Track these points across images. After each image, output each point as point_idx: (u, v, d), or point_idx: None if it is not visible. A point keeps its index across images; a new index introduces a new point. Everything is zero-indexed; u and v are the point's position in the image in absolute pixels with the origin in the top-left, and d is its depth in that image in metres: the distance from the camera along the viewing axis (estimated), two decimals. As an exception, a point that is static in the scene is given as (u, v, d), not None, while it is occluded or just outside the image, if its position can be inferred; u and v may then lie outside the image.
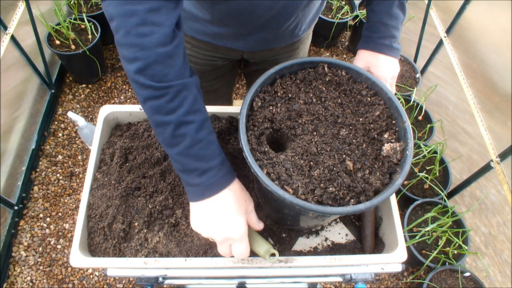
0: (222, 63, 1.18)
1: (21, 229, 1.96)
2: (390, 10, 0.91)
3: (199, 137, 0.63)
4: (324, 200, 0.69)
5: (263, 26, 0.94)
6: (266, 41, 1.04)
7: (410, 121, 1.33)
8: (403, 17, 0.94)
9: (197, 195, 0.65)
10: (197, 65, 1.16)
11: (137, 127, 1.01)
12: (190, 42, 1.08)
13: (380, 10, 0.92)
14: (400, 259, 0.82)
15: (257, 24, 0.93)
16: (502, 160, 1.59)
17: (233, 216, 0.65)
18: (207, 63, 1.15)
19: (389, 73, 0.92)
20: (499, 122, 1.64)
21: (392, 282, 1.93)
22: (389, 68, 0.92)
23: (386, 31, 0.92)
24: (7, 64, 1.89)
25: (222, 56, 1.13)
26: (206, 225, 0.66)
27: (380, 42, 0.92)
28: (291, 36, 1.06)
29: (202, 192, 0.65)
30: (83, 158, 2.22)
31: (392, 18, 0.91)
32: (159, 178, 0.92)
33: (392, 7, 0.91)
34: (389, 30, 0.92)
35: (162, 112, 0.61)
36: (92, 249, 0.85)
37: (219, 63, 1.17)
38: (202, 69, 1.17)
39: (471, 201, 1.84)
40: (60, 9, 2.17)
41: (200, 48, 1.09)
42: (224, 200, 0.65)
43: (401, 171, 0.71)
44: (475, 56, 1.83)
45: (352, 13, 2.56)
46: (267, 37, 1.01)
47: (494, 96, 1.68)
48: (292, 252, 0.91)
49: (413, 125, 2.12)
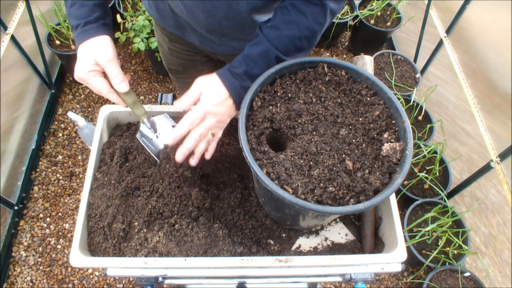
0: (201, 59, 1.23)
1: (21, 229, 1.96)
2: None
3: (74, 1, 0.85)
4: (324, 199, 0.69)
5: (210, 28, 0.95)
6: (228, 46, 1.04)
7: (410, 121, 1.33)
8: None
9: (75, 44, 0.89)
10: (179, 58, 1.23)
11: (137, 127, 1.01)
12: (168, 36, 1.15)
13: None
14: (400, 259, 0.82)
15: (202, 25, 0.94)
16: (502, 160, 1.59)
17: (77, 63, 0.83)
18: (186, 58, 1.22)
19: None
20: (499, 122, 1.64)
21: (392, 282, 1.93)
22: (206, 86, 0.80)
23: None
24: (7, 64, 1.89)
25: (196, 52, 1.19)
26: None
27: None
28: None
29: (75, 43, 0.87)
30: (83, 158, 2.22)
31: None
32: (159, 178, 0.92)
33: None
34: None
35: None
36: (92, 249, 0.85)
37: (197, 59, 1.22)
38: (183, 63, 1.25)
39: (471, 201, 1.84)
40: (60, 9, 2.18)
41: (176, 41, 1.16)
42: (79, 51, 0.84)
43: (400, 171, 0.71)
44: (475, 56, 1.83)
45: (352, 13, 2.56)
46: (224, 41, 1.01)
47: (494, 96, 1.68)
48: (292, 252, 0.91)
49: (413, 125, 2.12)
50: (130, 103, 0.88)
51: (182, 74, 1.31)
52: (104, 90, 0.84)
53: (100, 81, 0.83)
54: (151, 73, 2.63)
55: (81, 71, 0.82)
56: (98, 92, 0.85)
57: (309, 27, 0.79)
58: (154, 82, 2.59)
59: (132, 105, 0.88)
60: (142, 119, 0.90)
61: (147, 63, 2.66)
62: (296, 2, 0.79)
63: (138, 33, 2.26)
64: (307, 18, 0.79)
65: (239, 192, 0.94)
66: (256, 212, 0.93)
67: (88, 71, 0.82)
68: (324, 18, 0.80)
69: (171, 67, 1.30)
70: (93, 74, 0.82)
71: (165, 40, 1.18)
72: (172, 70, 1.32)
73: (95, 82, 0.83)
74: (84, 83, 0.85)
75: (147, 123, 0.91)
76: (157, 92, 2.55)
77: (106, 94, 0.84)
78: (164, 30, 1.13)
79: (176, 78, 1.37)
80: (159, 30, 1.17)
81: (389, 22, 2.55)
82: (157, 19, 1.09)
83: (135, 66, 2.65)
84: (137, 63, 2.67)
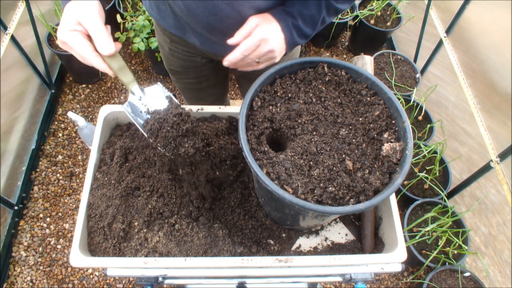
0: (201, 61, 1.23)
1: (21, 229, 1.96)
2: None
3: None
4: (324, 199, 0.69)
5: (211, 28, 0.95)
6: (228, 46, 1.03)
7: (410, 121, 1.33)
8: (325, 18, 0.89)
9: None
10: (179, 59, 1.23)
11: (137, 127, 1.01)
12: (169, 37, 1.15)
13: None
14: (400, 259, 0.82)
15: (203, 24, 0.94)
16: (502, 160, 1.59)
17: (60, 24, 0.77)
18: (187, 59, 1.22)
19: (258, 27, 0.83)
20: (499, 122, 1.64)
21: (392, 282, 1.93)
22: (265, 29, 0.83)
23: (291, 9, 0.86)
24: (7, 64, 1.89)
25: (197, 53, 1.19)
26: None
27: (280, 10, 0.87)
28: None
29: (62, 6, 0.80)
30: (83, 158, 2.22)
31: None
32: (159, 178, 0.92)
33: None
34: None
35: None
36: (92, 249, 0.85)
37: (198, 60, 1.22)
38: (184, 64, 1.24)
39: (471, 201, 1.84)
40: (60, 9, 2.17)
41: (177, 42, 1.15)
42: (64, 12, 0.77)
43: (400, 170, 0.71)
44: (475, 56, 1.83)
45: (352, 13, 2.56)
46: (223, 42, 1.00)
47: (494, 96, 1.68)
48: (292, 252, 0.91)
49: (413, 125, 2.12)
50: (116, 68, 0.79)
51: (182, 75, 1.32)
52: (87, 53, 0.75)
53: (83, 42, 0.75)
54: (151, 73, 2.63)
55: (63, 31, 0.75)
56: (81, 58, 0.77)
57: None
58: (154, 82, 2.59)
59: (119, 71, 0.79)
60: (130, 87, 0.81)
61: (147, 63, 2.66)
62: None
63: (138, 33, 2.26)
64: None
65: (239, 192, 0.94)
66: (256, 212, 0.93)
67: (69, 31, 0.74)
68: None
69: (172, 67, 1.30)
70: (75, 34, 0.75)
71: (166, 41, 1.18)
72: (173, 70, 1.32)
73: (77, 43, 0.75)
74: (66, 48, 0.77)
75: (136, 92, 0.81)
76: (157, 92, 2.54)
77: (90, 59, 0.76)
78: (165, 31, 1.13)
79: (177, 79, 1.37)
80: (160, 31, 1.17)
81: (389, 22, 2.55)
82: (158, 19, 1.09)
83: (135, 66, 2.65)
84: (137, 63, 2.67)
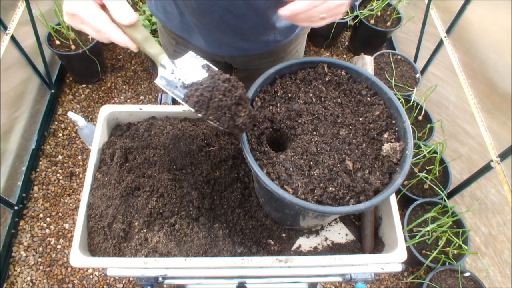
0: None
1: (21, 229, 1.96)
2: None
3: None
4: (324, 199, 0.69)
5: (223, 27, 0.94)
6: (237, 47, 1.04)
7: (410, 121, 1.33)
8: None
9: None
10: None
11: (137, 127, 1.01)
12: (175, 39, 1.13)
13: None
14: (400, 259, 0.82)
15: (215, 23, 0.93)
16: (502, 160, 1.59)
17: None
18: None
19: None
20: (499, 122, 1.64)
21: (392, 282, 1.93)
22: None
23: None
24: (7, 64, 1.89)
25: (202, 56, 1.16)
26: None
27: None
28: (266, 43, 1.05)
29: None
30: (83, 158, 2.22)
31: None
32: (159, 178, 0.92)
33: None
34: None
35: None
36: (92, 249, 0.85)
37: None
38: None
39: (471, 201, 1.84)
40: (60, 9, 2.17)
41: (183, 44, 1.13)
42: None
43: (400, 171, 0.71)
44: (475, 56, 1.83)
45: (352, 13, 2.56)
46: (234, 41, 1.00)
47: (494, 96, 1.68)
48: (292, 252, 0.91)
49: (413, 125, 2.12)
50: (140, 39, 0.66)
51: None
52: (104, 24, 0.62)
53: (98, 12, 0.61)
54: (151, 73, 2.63)
55: (71, 2, 0.61)
56: (97, 32, 0.63)
57: None
58: (154, 81, 2.59)
59: (144, 42, 0.67)
60: (159, 60, 0.69)
61: (147, 63, 2.66)
62: None
63: (138, 33, 2.26)
64: None
65: (239, 192, 0.94)
66: (256, 212, 0.93)
67: (80, 2, 0.61)
68: None
69: None
70: (87, 3, 0.61)
71: (171, 43, 1.17)
72: None
73: (91, 13, 0.61)
74: (76, 23, 0.64)
75: (167, 65, 0.70)
76: (157, 92, 2.55)
77: (108, 31, 0.63)
78: (170, 33, 1.12)
79: None
80: (165, 33, 1.16)
81: (389, 22, 2.55)
82: (163, 21, 1.08)
83: (135, 66, 2.65)
84: (137, 63, 2.67)
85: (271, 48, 1.09)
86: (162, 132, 0.96)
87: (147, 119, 1.03)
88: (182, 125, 0.98)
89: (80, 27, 0.64)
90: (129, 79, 2.59)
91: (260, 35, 0.98)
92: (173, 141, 0.94)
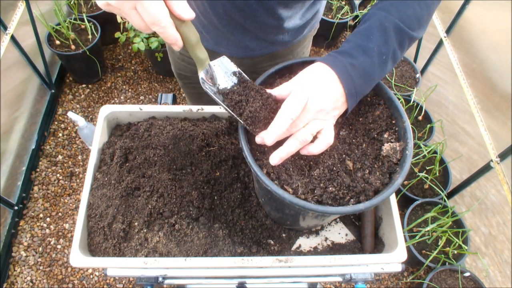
0: None
1: (21, 229, 1.96)
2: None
3: None
4: (324, 199, 0.69)
5: (232, 26, 0.94)
6: (246, 47, 1.04)
7: (410, 121, 1.33)
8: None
9: None
10: (190, 64, 1.20)
11: (137, 127, 1.01)
12: None
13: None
14: (400, 259, 0.82)
15: (225, 23, 0.93)
16: (502, 160, 1.59)
17: None
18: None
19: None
20: (499, 122, 1.64)
21: (392, 282, 1.93)
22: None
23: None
24: (7, 64, 1.89)
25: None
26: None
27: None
28: (274, 43, 1.05)
29: None
30: (83, 158, 2.22)
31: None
32: (159, 178, 0.92)
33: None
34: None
35: None
36: (92, 249, 0.85)
37: None
38: (194, 69, 1.21)
39: (471, 201, 1.84)
40: (60, 9, 2.18)
41: None
42: None
43: (401, 171, 0.71)
44: (475, 56, 1.83)
45: (352, 13, 2.56)
46: (243, 41, 1.00)
47: (494, 96, 1.68)
48: (292, 252, 0.91)
49: (413, 125, 2.12)
50: (194, 41, 0.62)
51: (190, 79, 1.30)
52: (165, 17, 0.55)
53: (160, 3, 0.54)
54: (151, 73, 2.63)
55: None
56: (151, 22, 0.54)
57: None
58: (154, 82, 2.59)
59: (196, 44, 0.63)
60: (206, 64, 0.67)
61: (147, 63, 2.66)
62: None
63: (138, 33, 2.26)
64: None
65: (239, 192, 0.94)
66: (256, 212, 0.93)
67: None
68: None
69: (181, 72, 1.28)
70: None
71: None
72: (182, 75, 1.30)
73: (153, 3, 0.53)
74: (125, 9, 0.54)
75: (210, 69, 0.69)
76: (157, 92, 2.55)
77: (167, 26, 0.56)
78: None
79: (184, 83, 1.35)
80: None
81: (389, 22, 2.55)
82: None
83: (135, 66, 2.66)
84: (137, 63, 2.67)
85: (279, 49, 1.09)
86: (162, 132, 0.96)
87: (147, 119, 1.03)
88: (182, 125, 0.98)
89: (128, 12, 0.54)
90: (129, 79, 2.59)
91: (269, 35, 0.99)
92: (173, 141, 0.95)
